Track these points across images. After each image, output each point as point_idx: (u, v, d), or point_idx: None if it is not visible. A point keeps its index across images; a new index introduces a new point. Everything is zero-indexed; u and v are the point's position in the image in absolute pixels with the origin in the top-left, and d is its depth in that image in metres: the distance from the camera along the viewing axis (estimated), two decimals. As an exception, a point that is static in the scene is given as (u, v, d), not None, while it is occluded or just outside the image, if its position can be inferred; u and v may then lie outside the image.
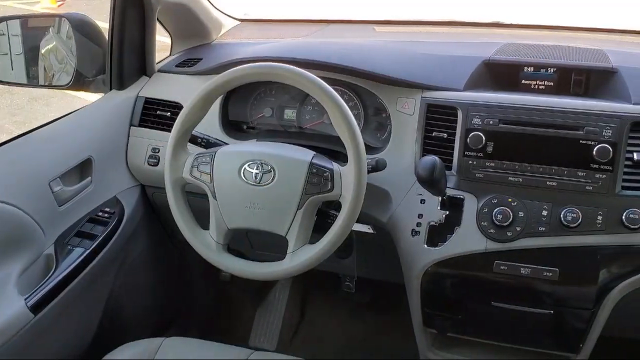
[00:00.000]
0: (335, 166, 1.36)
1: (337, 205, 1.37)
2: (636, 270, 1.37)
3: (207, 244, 1.42)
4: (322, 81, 1.33)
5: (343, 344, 2.37)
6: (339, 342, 2.38)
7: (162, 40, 2.04)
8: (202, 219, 1.46)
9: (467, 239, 1.42)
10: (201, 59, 1.89)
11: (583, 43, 1.77)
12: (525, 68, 1.61)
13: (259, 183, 1.36)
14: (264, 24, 2.38)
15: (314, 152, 1.40)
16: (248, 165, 1.37)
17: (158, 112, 1.81)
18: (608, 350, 1.76)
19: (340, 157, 1.56)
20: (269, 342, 2.33)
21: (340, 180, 1.34)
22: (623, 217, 1.33)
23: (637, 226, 1.32)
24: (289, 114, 1.77)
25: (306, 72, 1.34)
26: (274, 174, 1.35)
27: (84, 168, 1.70)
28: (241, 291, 2.45)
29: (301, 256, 1.35)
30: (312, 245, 1.36)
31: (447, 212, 1.45)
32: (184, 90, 1.77)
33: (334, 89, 1.34)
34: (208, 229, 1.43)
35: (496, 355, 1.61)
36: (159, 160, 1.77)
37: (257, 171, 1.36)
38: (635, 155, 1.35)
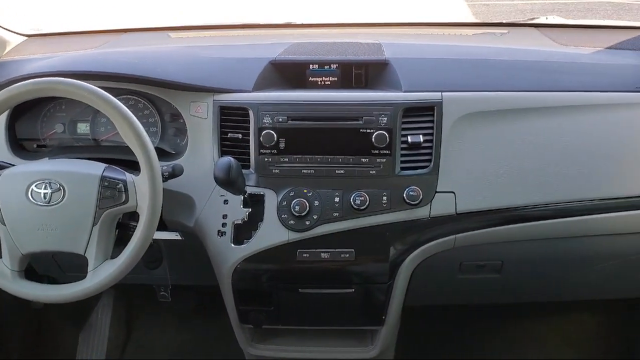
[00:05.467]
0: (128, 177, 1.35)
1: (138, 217, 1.36)
2: (420, 243, 1.52)
3: (0, 272, 1.35)
4: (102, 91, 1.31)
5: (173, 354, 2.34)
6: (169, 354, 2.35)
7: None
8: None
9: (270, 232, 1.49)
10: None
11: (364, 38, 1.89)
12: (311, 66, 1.69)
13: (48, 203, 1.31)
14: (54, 38, 2.26)
15: (106, 165, 1.37)
16: (35, 186, 1.31)
17: None
18: (416, 318, 1.92)
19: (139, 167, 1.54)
20: None
21: (135, 190, 1.33)
22: (404, 195, 1.46)
23: (416, 202, 1.46)
24: (82, 127, 1.71)
25: (84, 83, 1.31)
26: (64, 192, 1.31)
27: None
28: (60, 317, 2.33)
29: (102, 273, 1.32)
30: (113, 260, 1.34)
31: (250, 210, 1.50)
32: None
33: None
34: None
35: (312, 339, 1.69)
36: None
37: (45, 191, 1.31)
38: (409, 138, 1.48)
